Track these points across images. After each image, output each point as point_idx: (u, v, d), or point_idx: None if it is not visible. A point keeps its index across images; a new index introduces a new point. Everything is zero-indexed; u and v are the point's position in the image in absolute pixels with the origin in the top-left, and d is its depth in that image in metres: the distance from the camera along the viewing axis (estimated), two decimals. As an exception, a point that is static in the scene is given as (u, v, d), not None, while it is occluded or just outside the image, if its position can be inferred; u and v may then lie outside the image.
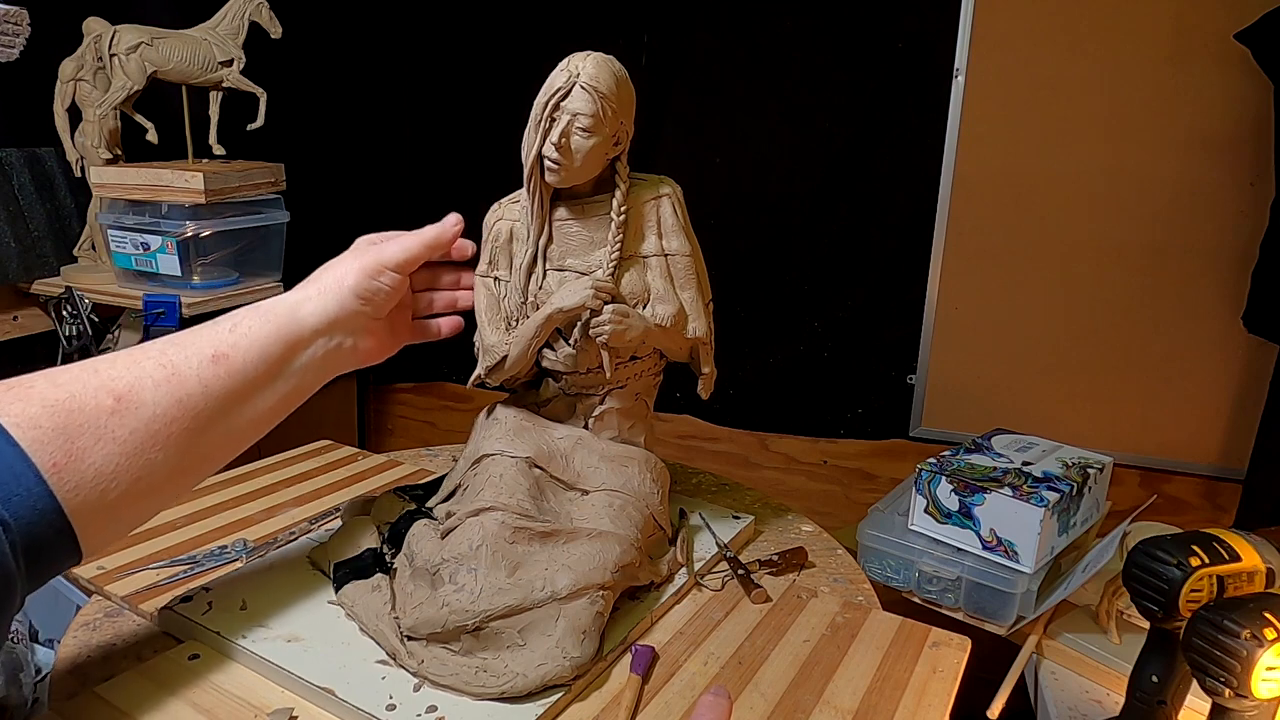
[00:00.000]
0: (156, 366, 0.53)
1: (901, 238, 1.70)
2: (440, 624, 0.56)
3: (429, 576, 0.59)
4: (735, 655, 0.63)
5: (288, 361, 0.60)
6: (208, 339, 0.56)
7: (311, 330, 0.61)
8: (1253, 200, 1.44)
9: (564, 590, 0.57)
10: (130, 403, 0.50)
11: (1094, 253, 1.58)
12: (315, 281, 0.63)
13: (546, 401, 0.72)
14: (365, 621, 0.60)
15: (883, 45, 1.63)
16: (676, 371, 0.75)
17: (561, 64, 0.62)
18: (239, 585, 0.66)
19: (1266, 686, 0.56)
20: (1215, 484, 1.58)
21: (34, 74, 1.30)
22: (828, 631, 0.67)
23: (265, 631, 0.60)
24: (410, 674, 0.57)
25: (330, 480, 0.90)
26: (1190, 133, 1.47)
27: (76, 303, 1.33)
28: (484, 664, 0.55)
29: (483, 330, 0.68)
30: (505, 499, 0.62)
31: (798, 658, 0.64)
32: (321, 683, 0.56)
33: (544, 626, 0.56)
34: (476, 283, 0.69)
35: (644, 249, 0.67)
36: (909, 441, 1.78)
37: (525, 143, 0.63)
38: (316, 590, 0.66)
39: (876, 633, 0.67)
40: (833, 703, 0.59)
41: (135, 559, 0.73)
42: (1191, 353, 1.55)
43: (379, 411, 2.20)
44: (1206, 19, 1.41)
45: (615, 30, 1.77)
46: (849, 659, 0.64)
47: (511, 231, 0.67)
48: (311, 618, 0.63)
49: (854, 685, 0.61)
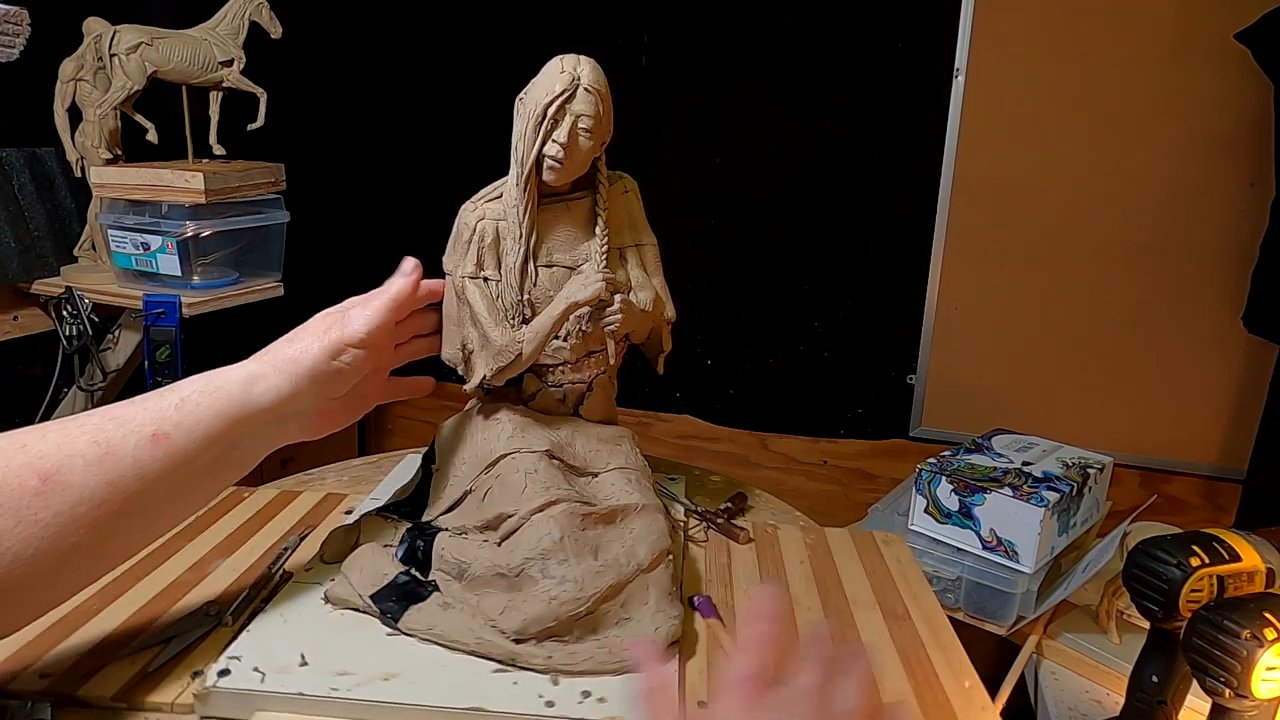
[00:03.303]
0: (90, 444, 0.49)
1: (901, 238, 1.70)
2: (554, 617, 0.57)
3: (506, 580, 0.60)
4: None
5: (233, 443, 0.56)
6: (151, 415, 0.52)
7: (262, 411, 0.56)
8: (1253, 200, 1.44)
9: (646, 561, 0.62)
10: (57, 484, 0.47)
11: (1094, 253, 1.58)
12: (271, 356, 0.59)
13: (533, 396, 0.72)
14: (458, 639, 0.59)
15: (883, 45, 1.63)
16: (676, 371, 0.76)
17: (553, 66, 0.63)
18: (272, 642, 0.59)
19: (1266, 686, 0.56)
20: (1215, 484, 1.58)
21: (34, 74, 1.30)
22: (809, 553, 0.77)
23: (353, 678, 0.56)
24: (539, 672, 0.57)
25: (239, 523, 0.78)
26: (1190, 133, 1.47)
27: (76, 303, 1.33)
28: (604, 643, 0.58)
29: (488, 332, 0.67)
30: (558, 491, 0.64)
31: (807, 576, 0.73)
32: (464, 704, 0.54)
33: (640, 597, 0.61)
34: (468, 286, 0.67)
35: (621, 241, 0.71)
36: (909, 441, 1.78)
37: (522, 142, 0.64)
38: (361, 627, 0.61)
39: (842, 546, 0.79)
40: (858, 600, 0.70)
41: (79, 652, 0.59)
42: (1191, 353, 1.55)
43: (379, 411, 2.20)
44: (1206, 19, 1.42)
45: (615, 30, 1.77)
46: (841, 568, 0.75)
47: (497, 230, 0.67)
48: (386, 652, 0.58)
49: (859, 585, 0.72)
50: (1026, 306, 1.64)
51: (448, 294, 0.70)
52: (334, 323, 0.60)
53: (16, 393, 1.43)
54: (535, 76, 0.64)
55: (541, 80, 0.63)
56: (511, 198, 0.66)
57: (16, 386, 1.43)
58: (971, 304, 1.68)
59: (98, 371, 1.39)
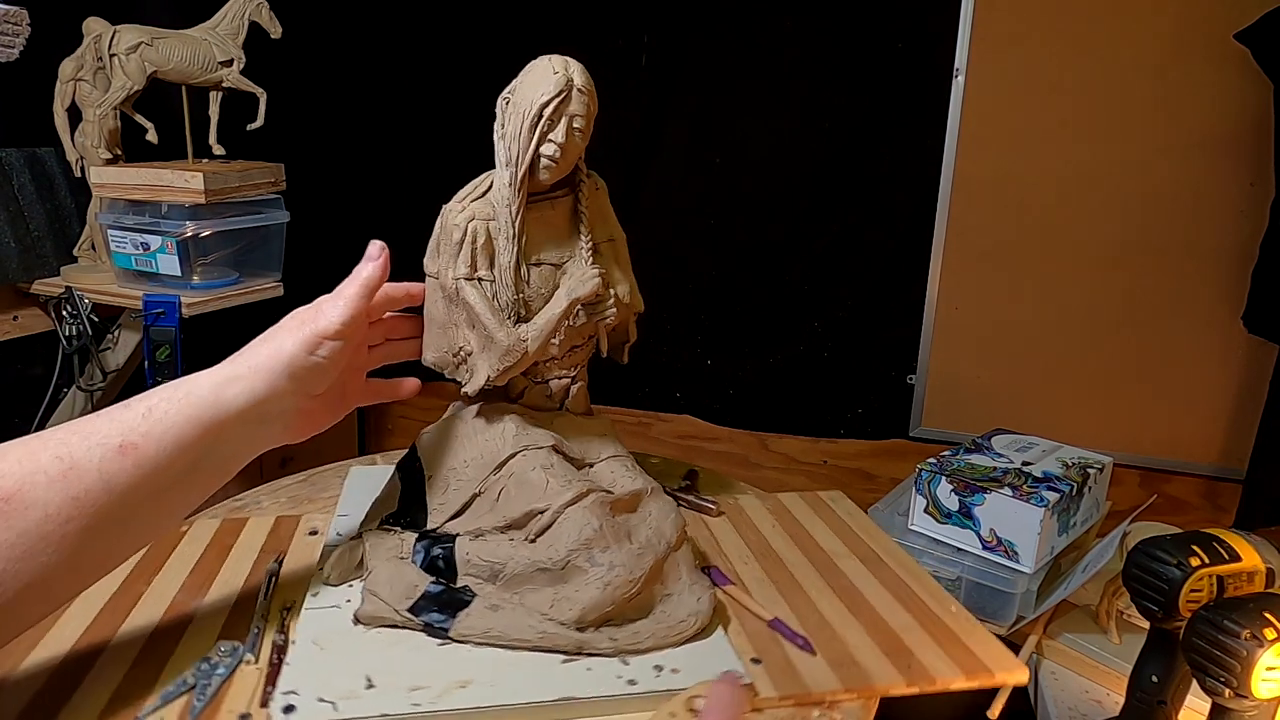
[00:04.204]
0: (52, 460, 0.48)
1: (901, 238, 1.70)
2: (610, 602, 0.59)
3: (549, 574, 0.61)
4: (754, 554, 0.76)
5: (207, 449, 0.54)
6: (117, 426, 0.51)
7: (236, 414, 0.55)
8: (1253, 200, 1.44)
9: (673, 539, 0.65)
10: (19, 503, 0.46)
11: (1094, 253, 1.58)
12: (245, 357, 0.57)
13: (520, 393, 0.72)
14: (520, 637, 0.59)
15: (883, 45, 1.63)
16: (677, 371, 0.77)
17: (542, 66, 0.63)
18: (321, 671, 0.57)
19: (1266, 686, 0.56)
20: (1215, 484, 1.58)
21: (34, 74, 1.30)
22: (774, 518, 0.83)
23: (429, 690, 0.55)
24: (608, 655, 0.59)
25: (194, 558, 0.73)
26: (1190, 133, 1.47)
27: (76, 303, 1.33)
28: (660, 618, 0.61)
29: (493, 333, 0.66)
30: (582, 483, 0.65)
31: (786, 540, 0.79)
32: (553, 697, 0.55)
33: (674, 574, 0.64)
34: (465, 288, 0.66)
35: (598, 236, 0.72)
36: (909, 441, 1.78)
37: (516, 142, 0.64)
38: (405, 642, 0.60)
39: (799, 509, 0.86)
40: (835, 552, 0.77)
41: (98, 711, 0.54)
42: (1191, 353, 1.55)
43: (379, 411, 2.20)
44: (1206, 19, 1.42)
45: (615, 30, 1.77)
46: (808, 527, 0.82)
47: (488, 230, 0.67)
48: (447, 661, 0.58)
49: (830, 539, 0.80)
50: (1026, 306, 1.64)
51: (432, 297, 0.69)
52: (307, 318, 0.59)
53: (16, 393, 1.43)
54: (520, 76, 0.65)
55: (532, 80, 0.63)
56: (504, 197, 0.66)
57: (16, 386, 1.43)
58: (971, 304, 1.68)
59: (98, 371, 1.39)
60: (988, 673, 0.62)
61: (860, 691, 0.59)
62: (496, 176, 0.67)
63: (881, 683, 0.60)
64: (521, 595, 0.61)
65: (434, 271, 0.68)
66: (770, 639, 0.64)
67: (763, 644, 0.63)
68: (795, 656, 0.62)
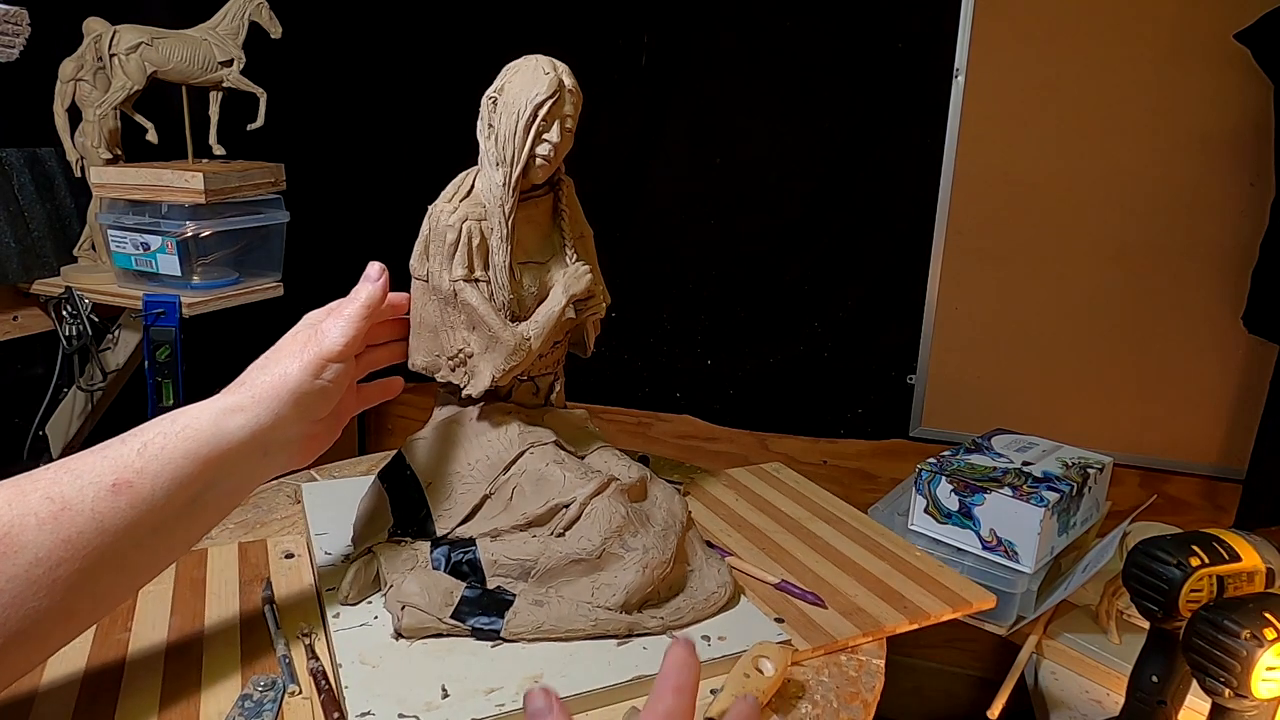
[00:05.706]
0: (43, 500, 0.46)
1: (901, 238, 1.70)
2: (650, 583, 0.63)
3: (584, 564, 0.63)
4: (731, 526, 0.83)
5: (208, 484, 0.52)
6: (110, 464, 0.49)
7: (239, 446, 0.53)
8: (1253, 200, 1.44)
9: (684, 519, 0.69)
10: (9, 546, 0.44)
11: (1094, 253, 1.57)
12: (246, 386, 0.55)
13: (508, 392, 0.73)
14: (572, 627, 0.62)
15: (883, 45, 1.63)
16: (677, 371, 0.79)
17: (531, 67, 0.64)
18: (387, 688, 0.56)
19: (1266, 686, 0.56)
20: (1215, 484, 1.58)
21: (34, 74, 1.30)
22: (734, 493, 0.90)
23: (505, 691, 0.56)
24: (657, 634, 0.63)
25: (168, 596, 0.69)
26: (1190, 133, 1.47)
27: (76, 303, 1.33)
28: (693, 593, 0.65)
29: (498, 333, 0.66)
30: (596, 475, 0.67)
31: (754, 510, 0.86)
32: (626, 678, 0.58)
33: (691, 550, 0.68)
34: (465, 290, 0.65)
35: (572, 233, 0.73)
36: (909, 441, 1.78)
37: (510, 142, 0.64)
38: (455, 648, 0.61)
39: (751, 481, 0.93)
40: (799, 517, 0.85)
41: None
42: (1191, 353, 1.55)
43: (379, 411, 2.20)
44: (1206, 19, 1.41)
45: (615, 30, 1.77)
46: (767, 498, 0.89)
47: (481, 231, 0.67)
48: (506, 661, 0.59)
49: (791, 506, 0.87)
50: (1026, 306, 1.64)
51: (421, 300, 0.68)
52: (307, 340, 0.58)
53: (16, 393, 1.43)
54: (505, 76, 0.65)
55: (522, 81, 0.64)
56: (496, 197, 0.65)
57: (16, 386, 1.43)
58: (971, 304, 1.68)
59: (98, 371, 1.39)
60: (966, 603, 0.71)
61: (874, 634, 0.67)
62: (482, 176, 0.67)
63: (890, 623, 0.67)
64: (557, 588, 0.63)
65: (424, 274, 0.67)
66: (782, 599, 0.70)
67: (778, 604, 0.70)
68: (811, 611, 0.69)
